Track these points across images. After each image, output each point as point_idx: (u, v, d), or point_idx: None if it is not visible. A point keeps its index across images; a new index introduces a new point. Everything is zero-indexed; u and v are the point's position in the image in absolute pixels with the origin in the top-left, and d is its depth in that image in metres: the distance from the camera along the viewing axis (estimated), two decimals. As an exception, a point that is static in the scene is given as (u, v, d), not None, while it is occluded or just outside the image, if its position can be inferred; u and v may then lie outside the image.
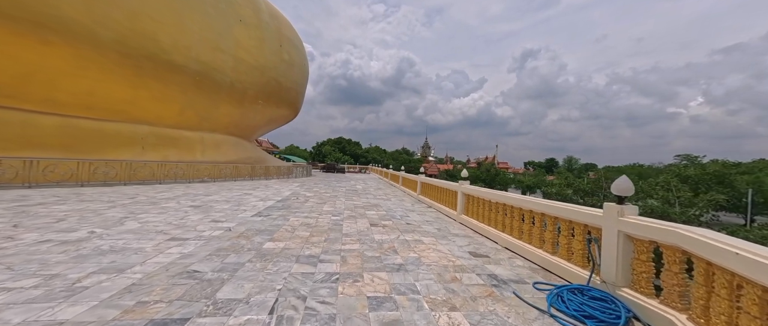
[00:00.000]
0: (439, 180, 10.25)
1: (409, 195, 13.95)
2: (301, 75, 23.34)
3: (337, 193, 12.99)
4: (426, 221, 7.58)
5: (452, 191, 8.71)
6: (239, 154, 18.27)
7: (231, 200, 9.15)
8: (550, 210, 4.51)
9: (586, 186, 17.07)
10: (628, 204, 3.39)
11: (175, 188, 11.28)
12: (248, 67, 17.09)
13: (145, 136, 12.77)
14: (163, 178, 12.05)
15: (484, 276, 3.88)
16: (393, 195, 13.49)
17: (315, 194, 12.18)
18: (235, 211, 7.37)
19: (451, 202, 8.77)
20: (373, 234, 5.83)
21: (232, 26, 15.88)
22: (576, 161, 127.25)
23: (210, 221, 6.13)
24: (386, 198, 12.12)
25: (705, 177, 28.60)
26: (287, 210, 7.90)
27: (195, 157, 14.96)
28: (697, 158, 40.49)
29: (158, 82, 12.61)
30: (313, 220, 6.82)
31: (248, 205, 8.37)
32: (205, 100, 15.05)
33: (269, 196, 10.63)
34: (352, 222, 6.82)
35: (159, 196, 9.15)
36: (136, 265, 3.55)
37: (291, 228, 5.87)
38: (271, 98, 19.75)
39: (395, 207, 9.69)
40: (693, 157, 39.45)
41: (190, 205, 7.82)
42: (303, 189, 13.80)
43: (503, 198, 5.83)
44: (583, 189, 16.99)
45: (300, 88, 23.46)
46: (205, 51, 14.21)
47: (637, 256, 3.17)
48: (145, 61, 11.85)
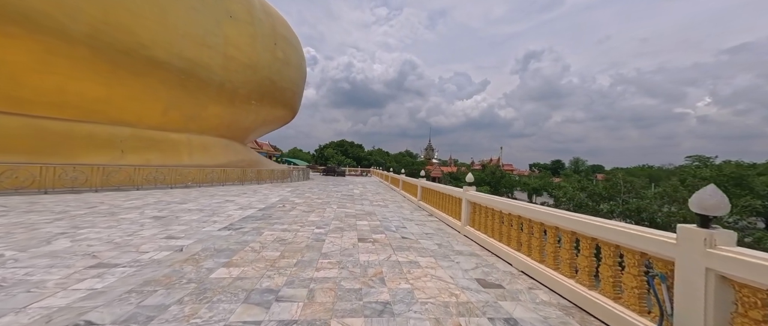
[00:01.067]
0: (440, 185, 9.18)
1: (409, 201, 12.87)
2: (298, 74, 22.45)
3: (330, 199, 11.95)
4: (425, 234, 6.50)
5: (456, 198, 7.63)
6: (230, 157, 17.35)
7: (205, 209, 8.15)
8: (585, 229, 3.41)
9: (601, 190, 15.72)
10: (717, 228, 2.29)
11: (150, 195, 10.34)
12: (239, 64, 16.20)
13: (124, 139, 11.88)
14: (141, 184, 11.12)
15: (499, 322, 2.79)
16: (391, 201, 12.42)
17: (305, 200, 11.16)
18: (202, 224, 6.35)
19: (454, 211, 7.68)
20: (358, 253, 4.77)
21: (222, 22, 15.03)
22: (583, 163, 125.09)
23: (164, 237, 5.11)
24: (383, 205, 11.05)
25: (721, 179, 26.99)
26: (265, 221, 6.87)
27: (181, 160, 14.05)
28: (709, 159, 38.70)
29: (137, 80, 11.74)
30: (291, 235, 5.77)
31: (222, 215, 7.36)
32: (191, 100, 14.17)
33: (252, 203, 9.63)
34: (336, 237, 5.76)
35: (125, 205, 8.18)
36: (9, 314, 2.53)
37: (259, 247, 4.83)
38: (265, 98, 18.84)
39: (392, 216, 8.61)
40: (705, 158, 37.70)
41: (153, 216, 6.83)
42: (294, 195, 12.79)
43: (518, 208, 4.74)
44: (599, 193, 15.66)
45: (297, 88, 22.56)
46: (191, 47, 13.34)
47: (741, 311, 2.06)
48: (121, 57, 10.98)
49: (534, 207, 4.49)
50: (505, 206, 5.21)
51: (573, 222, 3.59)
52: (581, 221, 3.47)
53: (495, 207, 5.57)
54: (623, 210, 12.08)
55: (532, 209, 4.45)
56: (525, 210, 4.57)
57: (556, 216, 3.89)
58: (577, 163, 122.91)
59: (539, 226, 4.25)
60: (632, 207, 11.87)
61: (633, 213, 11.81)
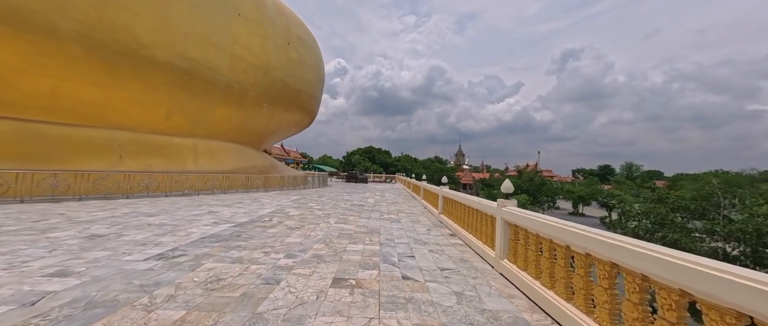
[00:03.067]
0: (466, 196, 6.91)
1: (429, 213, 10.65)
2: (315, 76, 21.40)
3: (334, 210, 10.18)
4: (440, 271, 4.34)
5: (487, 216, 5.36)
6: (241, 163, 16.50)
7: (168, 225, 6.76)
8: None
9: (688, 201, 11.77)
10: None
11: (130, 205, 9.37)
12: (249, 65, 15.36)
13: (123, 143, 11.31)
14: (131, 192, 10.33)
15: None
16: (407, 214, 10.30)
17: (302, 212, 9.49)
18: (137, 247, 4.85)
19: (485, 233, 5.41)
20: (318, 314, 2.82)
21: (229, 20, 14.30)
22: (638, 168, 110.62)
23: (49, 274, 3.60)
24: (395, 219, 8.98)
25: None
26: (224, 245, 5.20)
27: (186, 166, 13.32)
28: None
29: (137, 82, 11.14)
30: (239, 269, 4.00)
31: (179, 234, 5.85)
32: (197, 103, 13.45)
33: (235, 216, 8.14)
34: (303, 275, 3.87)
35: (82, 217, 7.11)
36: None
37: (166, 295, 3.08)
38: (279, 101, 17.89)
39: (400, 237, 6.53)
40: None
41: (90, 235, 5.50)
42: (295, 205, 11.23)
43: (605, 244, 2.44)
44: (685, 206, 11.78)
45: (313, 91, 21.50)
46: (195, 46, 12.63)
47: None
48: (118, 58, 10.40)
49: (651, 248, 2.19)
50: (571, 236, 2.92)
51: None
52: None
53: (552, 236, 3.28)
54: (729, 231, 8.64)
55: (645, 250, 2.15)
56: (628, 252, 2.27)
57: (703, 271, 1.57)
58: (630, 167, 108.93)
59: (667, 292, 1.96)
60: (746, 229, 8.31)
61: (748, 235, 8.27)
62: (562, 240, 3.15)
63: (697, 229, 9.89)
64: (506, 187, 4.76)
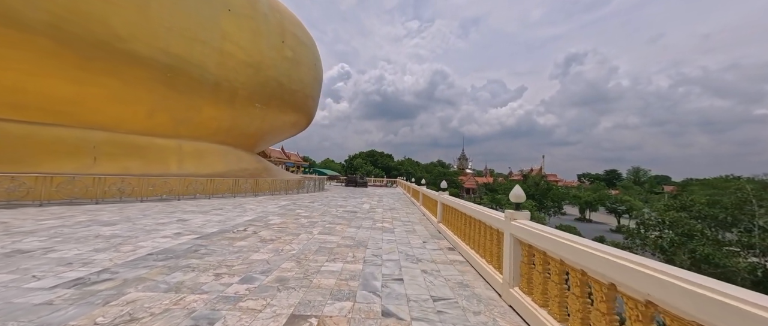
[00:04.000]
0: (468, 204, 5.94)
1: (428, 221, 9.68)
2: (311, 76, 20.64)
3: (322, 218, 9.25)
4: (433, 301, 3.38)
5: (492, 230, 4.40)
6: (231, 166, 15.68)
7: (121, 235, 5.89)
8: None
9: (717, 211, 10.47)
10: None
11: (95, 212, 8.53)
12: (239, 63, 14.62)
13: (98, 144, 10.54)
14: (101, 196, 9.50)
15: None
16: (404, 222, 9.33)
17: (287, 221, 8.58)
18: (58, 269, 3.96)
19: (491, 251, 4.44)
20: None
21: (218, 15, 13.58)
22: (645, 172, 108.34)
23: None
24: (388, 229, 8.02)
25: None
26: (170, 265, 4.30)
27: (168, 168, 12.51)
28: None
29: (114, 78, 10.40)
30: (170, 301, 3.09)
31: (125, 248, 4.96)
32: (181, 101, 12.69)
33: (204, 226, 7.25)
34: (250, 311, 2.94)
35: (29, 226, 6.27)
36: None
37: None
38: (272, 101, 17.12)
39: (391, 251, 5.57)
40: None
41: (16, 249, 4.63)
42: (281, 211, 10.32)
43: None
44: (714, 216, 10.53)
45: (310, 91, 20.72)
46: (179, 41, 11.90)
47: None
48: (93, 51, 9.67)
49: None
50: (618, 271, 1.95)
51: None
52: None
53: (586, 266, 2.31)
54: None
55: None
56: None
57: None
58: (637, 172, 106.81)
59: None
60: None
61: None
62: (603, 275, 2.18)
63: (731, 242, 8.78)
64: (516, 196, 3.80)
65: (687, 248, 8.92)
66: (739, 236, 8.72)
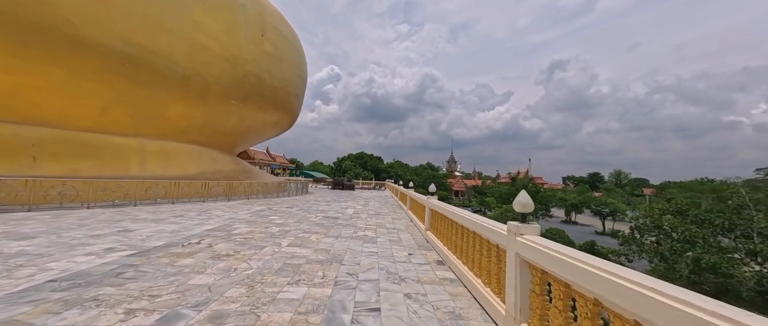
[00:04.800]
0: (459, 211, 5.14)
1: (415, 227, 8.86)
2: (295, 73, 19.59)
3: (299, 226, 8.27)
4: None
5: (492, 246, 3.58)
6: (204, 167, 14.42)
7: (31, 253, 4.79)
8: None
9: (714, 215, 10.16)
10: None
11: (20, 220, 7.28)
12: (213, 56, 13.46)
13: (40, 142, 9.19)
14: (36, 203, 8.15)
15: None
16: (389, 228, 8.45)
17: (255, 230, 7.57)
18: None
19: (489, 271, 3.62)
20: None
21: (189, 3, 12.43)
22: (626, 175, 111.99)
23: None
24: (370, 238, 7.13)
25: None
26: (65, 298, 3.28)
27: (129, 170, 11.20)
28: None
29: (58, 67, 9.11)
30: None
31: (21, 273, 3.88)
32: (144, 96, 11.43)
33: (149, 238, 6.16)
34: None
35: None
36: None
37: None
38: (251, 98, 15.98)
39: (370, 268, 4.68)
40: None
41: None
42: (253, 218, 9.28)
43: None
44: (711, 221, 10.19)
45: (293, 88, 19.64)
46: (141, 29, 10.69)
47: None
48: (30, 35, 8.39)
49: None
50: None
51: None
52: None
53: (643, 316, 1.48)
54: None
55: None
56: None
57: None
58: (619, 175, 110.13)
59: None
60: None
61: None
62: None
63: (731, 249, 8.42)
64: (522, 204, 2.99)
65: (689, 256, 8.53)
66: (737, 242, 8.43)
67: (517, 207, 3.03)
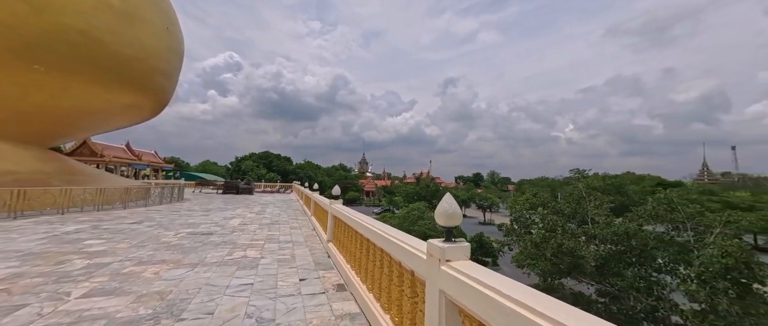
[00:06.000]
0: (367, 220, 4.04)
1: (319, 237, 7.41)
2: (162, 45, 14.85)
3: (128, 256, 5.53)
4: None
5: (405, 271, 2.57)
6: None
7: None
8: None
9: (564, 206, 13.11)
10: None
11: None
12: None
13: None
14: None
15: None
16: (283, 243, 6.68)
17: (21, 275, 4.56)
18: None
19: (399, 305, 2.59)
20: None
21: None
22: (498, 175, 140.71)
23: None
24: (251, 261, 5.27)
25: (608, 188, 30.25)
26: None
27: None
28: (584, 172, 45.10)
29: None
30: None
31: None
32: None
33: None
34: None
35: None
36: None
37: None
38: (77, 65, 10.96)
39: (228, 321, 2.96)
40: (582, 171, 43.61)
41: None
42: (44, 247, 5.86)
43: None
44: (562, 211, 13.05)
45: (159, 63, 14.83)
46: None
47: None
48: None
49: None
50: None
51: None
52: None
53: None
54: (606, 235, 9.42)
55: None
56: None
57: None
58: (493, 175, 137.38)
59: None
60: (618, 231, 9.20)
61: (619, 237, 9.12)
62: None
63: (579, 233, 10.77)
64: (448, 215, 2.03)
65: (554, 242, 10.52)
66: (585, 229, 10.97)
67: (440, 219, 2.07)
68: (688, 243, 8.92)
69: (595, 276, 9.43)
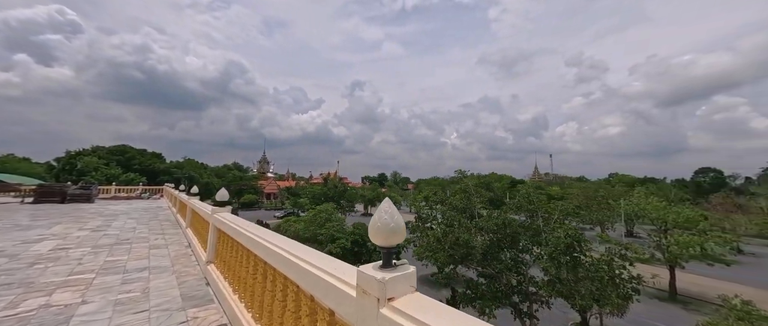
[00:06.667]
0: (266, 234, 3.01)
1: (193, 258, 5.57)
2: None
3: None
4: None
5: (318, 311, 1.80)
6: None
7: None
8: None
9: (457, 202, 15.01)
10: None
11: None
12: None
13: None
14: None
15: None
16: (129, 273, 4.60)
17: None
18: None
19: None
20: None
21: None
22: (399, 175, 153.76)
23: None
24: (50, 322, 3.25)
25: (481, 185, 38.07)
26: None
27: None
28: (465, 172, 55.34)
29: None
30: None
31: None
32: None
33: None
34: None
35: None
36: None
37: None
38: None
39: None
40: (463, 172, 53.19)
41: None
42: None
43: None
44: (456, 206, 14.98)
45: None
46: None
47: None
48: None
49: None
50: None
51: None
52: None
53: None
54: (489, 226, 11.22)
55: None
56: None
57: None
58: (396, 175, 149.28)
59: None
60: (499, 222, 11.16)
61: (499, 227, 11.10)
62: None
63: (473, 226, 12.43)
64: (386, 229, 1.42)
65: (452, 235, 11.82)
66: (476, 223, 12.82)
67: (378, 237, 1.41)
68: (538, 228, 11.68)
69: (481, 262, 11.05)
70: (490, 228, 11.44)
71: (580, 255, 10.46)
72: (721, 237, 18.73)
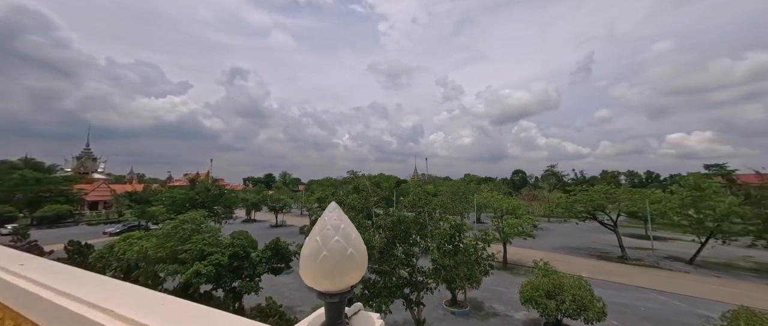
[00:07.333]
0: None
1: None
2: None
3: None
4: None
5: None
6: None
7: None
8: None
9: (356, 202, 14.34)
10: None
11: None
12: None
13: None
14: None
15: None
16: None
17: None
18: None
19: None
20: None
21: None
22: (289, 176, 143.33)
23: None
24: None
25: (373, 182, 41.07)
26: None
27: None
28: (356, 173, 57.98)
29: None
30: None
31: None
32: None
33: None
34: None
35: None
36: None
37: None
38: None
39: None
40: (355, 172, 55.58)
41: None
42: None
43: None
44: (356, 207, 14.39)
45: None
46: None
47: None
48: None
49: None
50: None
51: None
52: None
53: None
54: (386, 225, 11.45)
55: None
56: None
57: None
58: (285, 176, 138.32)
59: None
60: (394, 219, 11.51)
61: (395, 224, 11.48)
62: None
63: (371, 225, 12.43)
64: (336, 264, 0.77)
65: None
66: (374, 222, 12.97)
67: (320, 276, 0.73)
68: (425, 222, 13.11)
69: (378, 260, 11.30)
70: (387, 226, 11.85)
71: (460, 243, 12.44)
72: (529, 219, 27.03)
